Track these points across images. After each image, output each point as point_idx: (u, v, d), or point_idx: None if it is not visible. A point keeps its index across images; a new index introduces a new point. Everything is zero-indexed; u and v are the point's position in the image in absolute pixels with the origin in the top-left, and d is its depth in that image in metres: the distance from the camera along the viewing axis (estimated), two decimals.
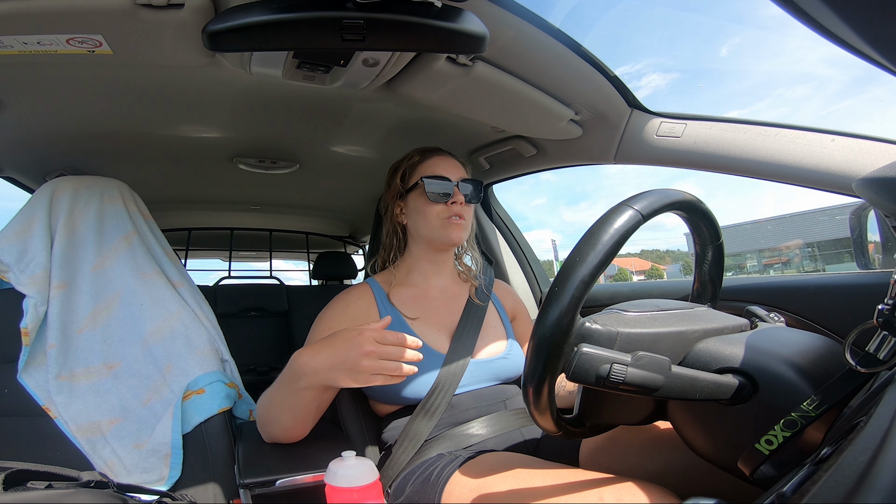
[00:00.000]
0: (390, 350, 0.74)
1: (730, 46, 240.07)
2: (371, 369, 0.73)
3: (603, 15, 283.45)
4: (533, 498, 0.66)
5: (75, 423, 1.03)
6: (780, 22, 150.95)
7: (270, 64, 0.88)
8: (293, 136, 1.39)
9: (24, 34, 0.73)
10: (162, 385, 1.09)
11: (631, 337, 0.56)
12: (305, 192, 2.02)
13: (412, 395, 0.94)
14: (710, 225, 0.67)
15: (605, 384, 0.52)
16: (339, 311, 0.99)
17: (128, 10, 0.70)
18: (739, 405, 0.54)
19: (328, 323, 0.98)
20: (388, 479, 0.90)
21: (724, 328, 0.62)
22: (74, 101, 1.08)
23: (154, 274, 1.18)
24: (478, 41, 0.76)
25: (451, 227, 1.02)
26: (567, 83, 1.05)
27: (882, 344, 0.46)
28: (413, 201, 1.05)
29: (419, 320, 1.01)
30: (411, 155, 1.09)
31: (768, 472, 0.51)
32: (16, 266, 1.09)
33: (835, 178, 0.86)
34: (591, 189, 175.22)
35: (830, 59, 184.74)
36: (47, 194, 1.14)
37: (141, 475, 1.00)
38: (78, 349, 1.08)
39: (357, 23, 0.69)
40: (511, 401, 1.00)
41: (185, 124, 1.27)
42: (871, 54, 0.30)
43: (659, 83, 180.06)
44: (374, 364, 0.73)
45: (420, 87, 0.98)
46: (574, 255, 0.54)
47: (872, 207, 0.93)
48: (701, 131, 1.04)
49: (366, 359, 0.73)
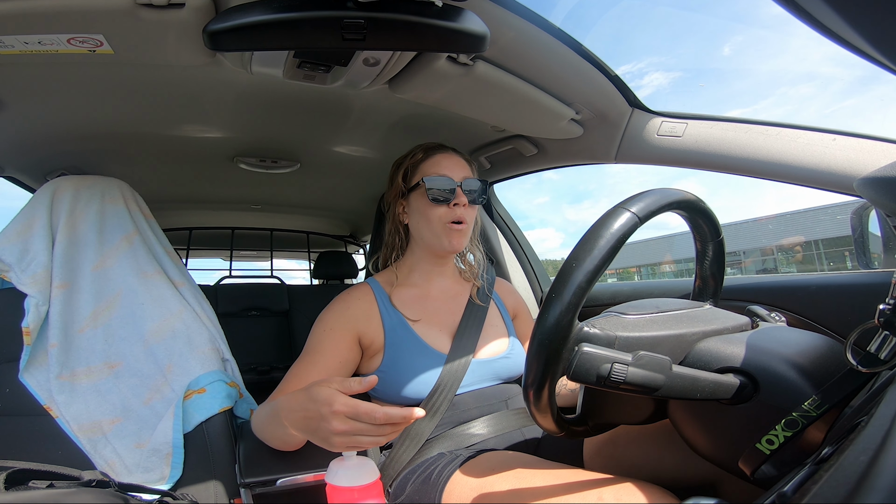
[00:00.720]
0: (363, 427, 0.64)
1: (732, 45, 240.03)
2: (343, 445, 0.66)
3: (604, 14, 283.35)
4: (533, 498, 0.66)
5: (76, 423, 1.03)
6: (783, 21, 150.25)
7: (271, 63, 0.88)
8: (294, 136, 1.39)
9: (25, 34, 0.73)
10: (163, 384, 1.09)
11: (629, 341, 0.56)
12: (306, 192, 2.02)
13: (414, 395, 0.94)
14: (709, 222, 0.67)
15: (606, 384, 0.52)
16: (339, 312, 0.99)
17: (128, 10, 0.70)
18: (740, 405, 0.54)
19: (329, 323, 0.98)
20: (388, 479, 0.90)
21: (724, 329, 0.62)
22: (75, 101, 1.08)
23: (155, 273, 1.18)
24: (478, 41, 0.76)
25: (451, 234, 1.00)
26: (568, 83, 1.04)
27: (883, 344, 0.46)
28: (415, 201, 1.04)
29: (419, 320, 1.01)
30: (414, 152, 1.07)
31: (769, 472, 0.51)
32: (17, 265, 1.09)
33: (836, 177, 0.86)
34: (594, 188, 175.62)
35: (834, 58, 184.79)
36: (48, 194, 1.14)
37: (142, 474, 1.00)
38: (79, 349, 1.08)
39: (358, 22, 0.69)
40: (512, 400, 1.00)
41: (186, 124, 1.27)
42: (873, 54, 0.30)
43: (661, 82, 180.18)
44: (346, 440, 0.65)
45: (421, 86, 0.98)
46: (571, 260, 0.54)
47: (874, 207, 0.93)
48: (702, 131, 1.04)
49: (336, 436, 0.65)
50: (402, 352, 0.96)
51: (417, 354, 0.96)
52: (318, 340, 0.96)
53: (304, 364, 0.93)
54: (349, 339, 0.96)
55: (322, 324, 0.98)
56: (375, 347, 0.98)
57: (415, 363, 0.95)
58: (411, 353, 0.96)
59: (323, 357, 0.93)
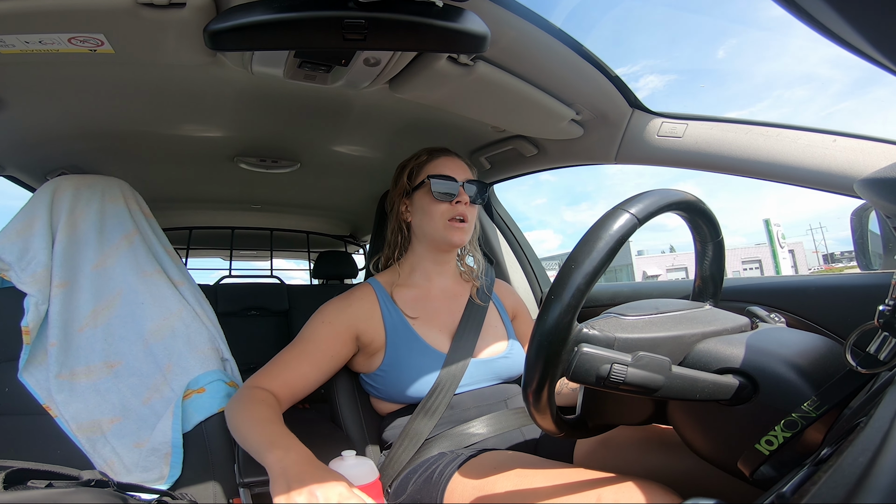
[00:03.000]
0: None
1: (730, 47, 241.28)
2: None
3: (604, 15, 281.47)
4: (535, 497, 0.66)
5: (76, 422, 1.03)
6: (782, 23, 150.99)
7: (272, 63, 0.88)
8: (294, 136, 1.39)
9: (26, 33, 0.73)
10: (162, 384, 1.09)
11: (628, 342, 0.56)
12: (306, 192, 2.02)
13: (413, 395, 0.94)
14: (708, 222, 0.67)
15: (606, 384, 0.52)
16: (339, 308, 1.00)
17: (129, 10, 0.70)
18: (740, 406, 0.54)
19: (327, 317, 0.99)
20: (388, 478, 0.90)
21: (723, 329, 0.62)
22: (76, 100, 1.08)
23: (155, 273, 1.18)
24: (479, 41, 0.76)
25: (453, 230, 1.03)
26: (568, 83, 1.05)
27: (883, 345, 0.46)
28: (419, 199, 1.06)
29: (420, 320, 1.01)
30: (419, 154, 1.10)
31: (768, 473, 0.51)
32: (17, 265, 1.09)
33: (836, 178, 0.86)
34: (592, 189, 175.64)
35: (832, 60, 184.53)
36: (49, 193, 1.14)
37: (141, 474, 1.00)
38: (79, 348, 1.08)
39: (358, 22, 0.69)
40: (512, 400, 1.01)
41: (187, 123, 1.27)
42: (873, 54, 0.30)
43: (657, 84, 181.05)
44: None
45: (421, 86, 0.98)
46: (570, 262, 0.54)
47: (874, 208, 0.93)
48: (702, 131, 1.04)
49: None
50: (402, 351, 0.97)
51: (418, 354, 0.97)
52: (314, 331, 0.97)
53: (294, 352, 0.95)
54: (345, 335, 0.97)
55: (320, 316, 0.99)
56: (376, 346, 0.98)
57: (415, 362, 0.96)
58: (411, 352, 0.97)
59: (315, 347, 0.95)
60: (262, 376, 0.92)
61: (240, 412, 0.84)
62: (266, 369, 0.93)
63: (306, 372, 0.94)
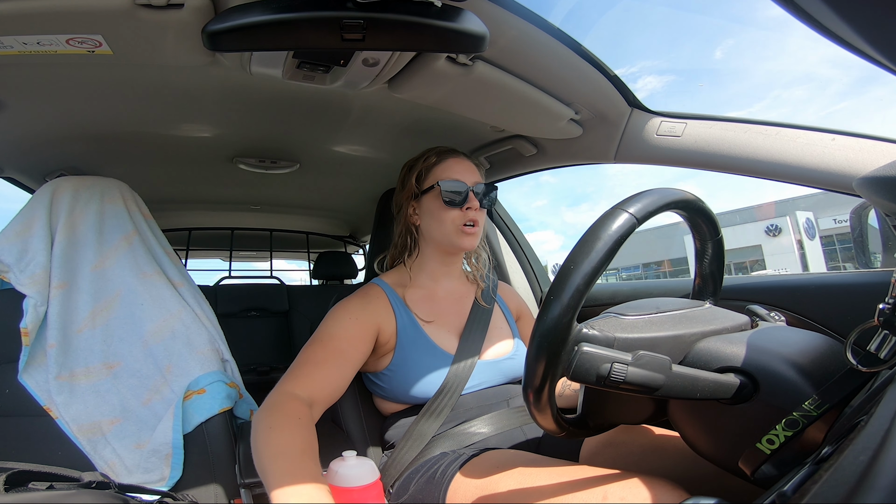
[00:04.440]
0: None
1: (728, 47, 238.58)
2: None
3: (603, 15, 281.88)
4: (538, 496, 0.66)
5: (76, 424, 1.03)
6: (780, 23, 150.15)
7: (270, 64, 0.88)
8: (293, 136, 1.38)
9: (24, 34, 0.73)
10: (162, 385, 1.09)
11: (628, 341, 0.56)
12: (306, 192, 2.02)
13: (420, 395, 0.94)
14: (707, 221, 0.67)
15: (606, 383, 0.52)
16: (360, 306, 0.97)
17: (127, 11, 0.70)
18: (740, 404, 0.54)
19: (353, 313, 0.94)
20: (390, 479, 0.90)
21: (723, 328, 0.62)
22: (74, 102, 1.08)
23: (154, 274, 1.18)
24: (478, 41, 0.76)
25: (464, 236, 1.01)
26: (567, 83, 1.04)
27: (883, 343, 0.46)
28: (427, 203, 1.04)
29: (431, 323, 1.01)
30: (427, 155, 1.07)
31: (769, 472, 0.51)
32: (16, 266, 1.09)
33: (835, 177, 0.86)
34: (593, 190, 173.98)
35: (831, 60, 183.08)
36: (47, 194, 1.14)
37: (142, 475, 1.00)
38: (78, 349, 1.08)
39: (357, 22, 0.69)
40: (514, 399, 1.01)
41: (186, 124, 1.27)
42: (873, 54, 0.30)
43: (655, 85, 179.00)
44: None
45: (420, 86, 0.98)
46: (568, 263, 0.54)
47: (873, 206, 0.93)
48: (701, 130, 1.04)
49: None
50: (411, 352, 0.96)
51: (426, 355, 0.96)
52: (342, 328, 0.92)
53: (325, 351, 0.88)
54: (371, 331, 0.94)
55: (343, 313, 0.95)
56: (388, 346, 0.98)
57: (424, 363, 0.95)
58: (420, 353, 0.96)
59: (348, 345, 0.89)
60: (296, 381, 0.83)
61: (271, 433, 0.74)
62: (298, 372, 0.85)
63: (343, 369, 0.88)
